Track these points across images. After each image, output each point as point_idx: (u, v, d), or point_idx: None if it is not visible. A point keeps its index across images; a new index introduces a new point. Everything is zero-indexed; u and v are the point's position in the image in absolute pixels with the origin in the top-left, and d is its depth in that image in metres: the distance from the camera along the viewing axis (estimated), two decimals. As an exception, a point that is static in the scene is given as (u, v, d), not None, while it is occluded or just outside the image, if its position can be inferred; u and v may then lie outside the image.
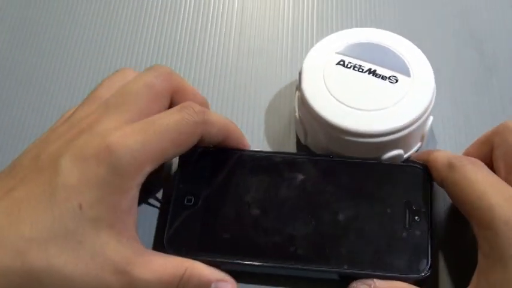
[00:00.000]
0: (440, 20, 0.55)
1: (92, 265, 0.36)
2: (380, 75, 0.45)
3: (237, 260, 0.41)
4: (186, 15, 0.56)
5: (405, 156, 0.45)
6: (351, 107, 0.43)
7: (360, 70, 0.45)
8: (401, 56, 0.46)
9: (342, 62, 0.46)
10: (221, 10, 0.57)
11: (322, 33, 0.54)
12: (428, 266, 0.40)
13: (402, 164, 0.44)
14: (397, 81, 0.44)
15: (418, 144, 0.46)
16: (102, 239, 0.37)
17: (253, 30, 0.55)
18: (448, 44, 0.54)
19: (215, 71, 0.53)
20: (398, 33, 0.47)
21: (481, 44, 0.53)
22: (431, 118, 0.46)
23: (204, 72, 0.53)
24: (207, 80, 0.52)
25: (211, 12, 0.56)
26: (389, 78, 0.45)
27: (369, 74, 0.45)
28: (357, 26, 0.54)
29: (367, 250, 0.41)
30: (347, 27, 0.51)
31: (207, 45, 0.54)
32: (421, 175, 0.43)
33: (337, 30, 0.49)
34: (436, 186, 0.43)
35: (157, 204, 0.46)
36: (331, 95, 0.44)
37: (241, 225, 0.42)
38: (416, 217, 0.42)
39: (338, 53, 0.46)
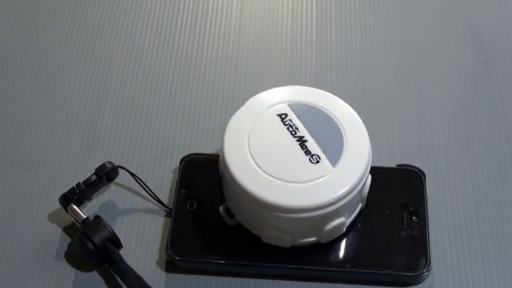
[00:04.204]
0: (438, 13, 0.55)
1: None
2: (306, 148, 0.41)
3: (239, 261, 0.42)
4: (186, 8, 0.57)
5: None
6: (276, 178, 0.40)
7: (293, 133, 0.42)
8: (339, 130, 0.42)
9: (283, 116, 0.43)
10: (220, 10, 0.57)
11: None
12: (427, 264, 0.41)
13: (397, 167, 0.46)
14: (318, 162, 0.41)
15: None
16: None
17: (252, 24, 0.56)
18: (445, 37, 0.54)
19: (215, 65, 0.53)
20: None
21: (479, 37, 0.53)
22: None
23: (204, 67, 0.53)
24: (207, 74, 0.53)
25: (210, 6, 0.57)
26: (311, 155, 0.41)
27: (297, 141, 0.42)
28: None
29: (369, 250, 0.42)
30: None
31: (207, 39, 0.55)
32: (416, 177, 0.45)
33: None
34: (431, 187, 0.44)
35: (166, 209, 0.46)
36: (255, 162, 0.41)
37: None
38: (414, 217, 0.43)
39: (289, 104, 0.43)
